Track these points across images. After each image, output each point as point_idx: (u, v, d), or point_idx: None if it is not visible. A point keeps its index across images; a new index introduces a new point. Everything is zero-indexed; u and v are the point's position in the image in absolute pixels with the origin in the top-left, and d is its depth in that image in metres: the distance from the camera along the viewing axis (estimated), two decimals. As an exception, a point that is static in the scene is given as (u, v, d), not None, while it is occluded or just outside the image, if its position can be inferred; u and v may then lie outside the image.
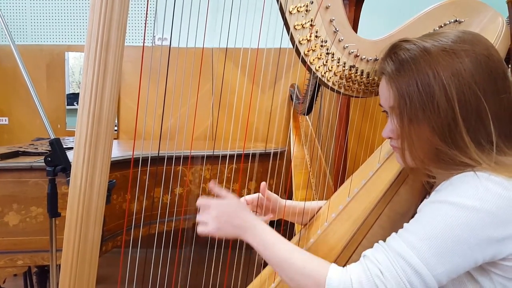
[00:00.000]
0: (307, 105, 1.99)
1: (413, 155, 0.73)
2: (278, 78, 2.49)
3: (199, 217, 0.80)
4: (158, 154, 1.53)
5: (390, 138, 0.79)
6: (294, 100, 2.45)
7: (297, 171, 1.91)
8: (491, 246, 0.63)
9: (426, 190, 0.88)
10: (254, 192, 0.96)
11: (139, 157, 1.46)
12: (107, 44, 0.69)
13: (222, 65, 2.63)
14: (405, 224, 0.69)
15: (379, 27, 0.89)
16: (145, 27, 2.73)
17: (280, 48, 0.92)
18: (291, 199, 1.64)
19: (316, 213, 1.00)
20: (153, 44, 2.54)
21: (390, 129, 0.77)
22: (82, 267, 0.75)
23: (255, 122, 1.22)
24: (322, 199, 1.05)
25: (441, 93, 0.67)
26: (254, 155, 1.86)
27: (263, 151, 1.95)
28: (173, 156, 1.57)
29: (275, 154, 2.00)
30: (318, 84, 1.72)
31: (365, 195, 0.91)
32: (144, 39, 2.52)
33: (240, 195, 0.91)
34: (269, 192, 0.96)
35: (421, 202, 0.78)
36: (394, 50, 0.74)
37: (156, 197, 1.71)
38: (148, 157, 1.60)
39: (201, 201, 0.80)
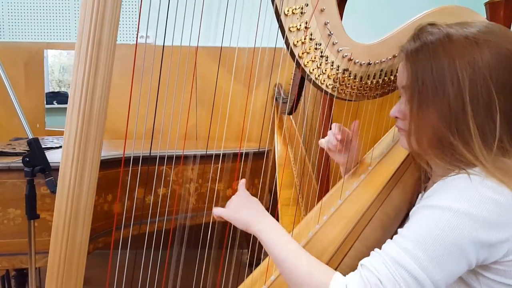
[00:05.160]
0: (291, 104, 1.99)
1: (418, 139, 0.72)
2: (263, 77, 2.48)
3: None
4: (143, 154, 1.51)
5: (396, 118, 0.79)
6: (278, 100, 2.45)
7: (281, 170, 1.91)
8: (483, 249, 0.64)
9: (417, 192, 0.88)
10: None
11: (121, 157, 1.43)
12: (99, 42, 0.67)
13: (207, 64, 2.61)
14: (399, 230, 0.68)
15: (361, 28, 0.89)
16: (138, 25, 2.68)
17: (258, 47, 0.91)
18: (276, 199, 1.65)
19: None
20: (136, 42, 2.50)
21: (398, 109, 0.78)
22: (69, 269, 0.73)
23: (241, 121, 1.21)
24: (308, 199, 1.05)
25: (453, 81, 0.66)
26: (239, 154, 1.85)
27: (248, 151, 1.95)
28: (157, 155, 1.54)
29: (260, 153, 1.99)
30: (302, 84, 1.73)
31: (357, 198, 0.91)
32: (137, 37, 2.48)
33: (224, 194, 0.90)
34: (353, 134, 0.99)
35: (412, 204, 0.78)
36: (419, 32, 0.73)
37: (139, 198, 1.68)
38: (131, 157, 1.57)
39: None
